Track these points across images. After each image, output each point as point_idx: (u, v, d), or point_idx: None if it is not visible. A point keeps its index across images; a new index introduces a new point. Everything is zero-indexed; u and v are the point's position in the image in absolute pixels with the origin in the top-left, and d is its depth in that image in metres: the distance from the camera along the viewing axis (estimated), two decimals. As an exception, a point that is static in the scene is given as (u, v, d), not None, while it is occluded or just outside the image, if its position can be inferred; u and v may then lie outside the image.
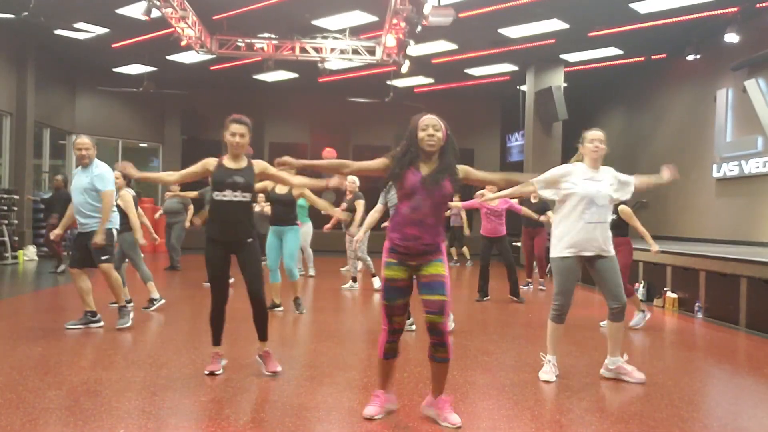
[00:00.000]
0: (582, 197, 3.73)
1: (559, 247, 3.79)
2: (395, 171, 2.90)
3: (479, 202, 6.55)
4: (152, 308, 6.04)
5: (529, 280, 8.93)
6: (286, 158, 3.03)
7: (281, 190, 5.88)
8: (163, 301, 6.16)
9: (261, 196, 8.45)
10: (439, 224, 2.93)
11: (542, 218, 7.69)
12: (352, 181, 8.00)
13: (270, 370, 3.75)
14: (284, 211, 5.99)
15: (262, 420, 2.97)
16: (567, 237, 3.75)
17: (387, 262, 2.92)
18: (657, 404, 3.39)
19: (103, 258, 5.01)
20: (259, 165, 3.76)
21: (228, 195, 3.60)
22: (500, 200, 7.01)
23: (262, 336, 3.80)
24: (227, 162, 3.68)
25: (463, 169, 3.01)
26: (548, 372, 3.83)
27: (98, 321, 5.13)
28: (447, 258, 2.98)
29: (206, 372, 3.69)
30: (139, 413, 2.97)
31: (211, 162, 3.72)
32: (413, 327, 5.22)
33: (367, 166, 3.05)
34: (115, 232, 5.15)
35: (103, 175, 4.95)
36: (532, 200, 8.56)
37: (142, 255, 6.29)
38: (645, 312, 5.79)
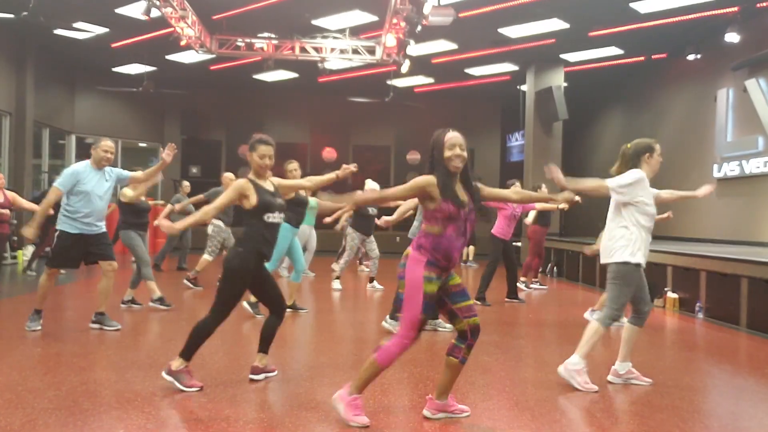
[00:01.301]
0: (649, 208, 3.75)
1: (638, 255, 3.69)
2: (443, 194, 2.87)
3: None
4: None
5: (535, 279, 8.96)
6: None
7: None
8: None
9: None
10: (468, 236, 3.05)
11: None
12: (372, 188, 8.05)
13: (272, 370, 3.76)
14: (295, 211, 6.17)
15: (261, 420, 2.97)
16: (641, 245, 3.70)
17: (428, 277, 2.88)
18: (657, 404, 3.38)
19: (114, 256, 5.09)
20: (274, 181, 3.80)
21: (277, 217, 3.60)
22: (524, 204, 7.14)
23: (190, 355, 3.56)
24: (261, 183, 3.61)
25: (481, 187, 3.08)
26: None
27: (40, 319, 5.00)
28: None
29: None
30: (139, 413, 2.97)
31: (245, 186, 3.52)
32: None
33: (403, 193, 3.02)
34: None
35: (121, 170, 5.23)
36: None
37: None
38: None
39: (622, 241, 3.72)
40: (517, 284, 7.56)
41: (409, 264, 2.91)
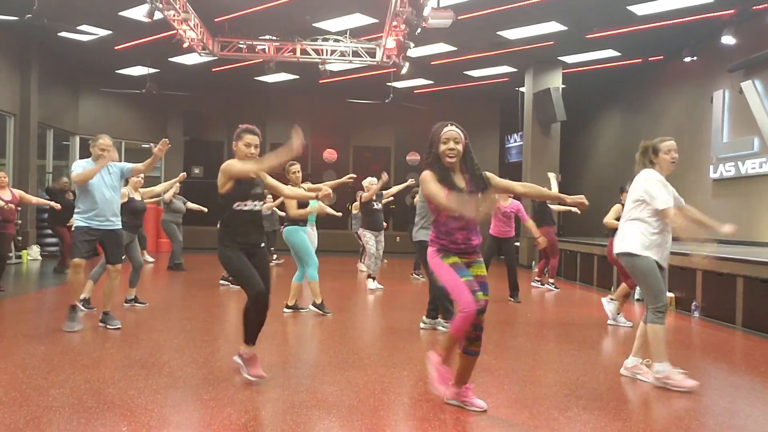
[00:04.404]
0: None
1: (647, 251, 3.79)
2: (440, 182, 3.03)
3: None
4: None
5: (538, 278, 9.00)
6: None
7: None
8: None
9: (270, 197, 8.58)
10: (474, 225, 3.11)
11: (541, 241, 7.62)
12: (372, 183, 8.10)
13: (254, 375, 3.59)
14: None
15: (263, 418, 3.01)
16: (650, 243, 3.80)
17: (444, 255, 3.07)
18: (654, 402, 3.43)
19: (123, 258, 5.18)
20: (264, 176, 3.83)
21: (249, 205, 3.65)
22: (513, 204, 7.18)
23: (252, 340, 3.68)
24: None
25: (490, 176, 3.15)
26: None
27: (90, 308, 5.24)
28: None
29: (253, 377, 3.55)
30: (142, 411, 3.01)
31: (235, 164, 3.67)
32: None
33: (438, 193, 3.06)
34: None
35: (123, 164, 5.26)
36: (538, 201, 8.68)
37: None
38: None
39: (626, 235, 3.85)
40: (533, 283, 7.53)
41: (428, 258, 3.16)
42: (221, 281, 8.25)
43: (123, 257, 5.25)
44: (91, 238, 5.00)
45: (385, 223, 8.45)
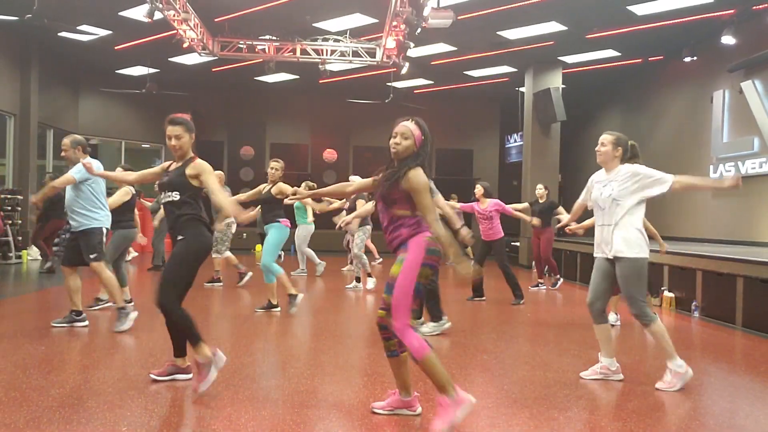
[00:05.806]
0: (593, 201, 3.93)
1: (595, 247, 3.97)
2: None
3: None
4: (97, 308, 6.09)
5: (540, 280, 8.98)
6: (297, 190, 3.60)
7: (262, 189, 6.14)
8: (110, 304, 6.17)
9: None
10: (396, 222, 2.93)
11: (534, 221, 7.74)
12: (353, 181, 8.08)
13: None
14: (265, 209, 6.21)
15: (263, 418, 3.00)
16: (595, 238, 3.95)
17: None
18: (654, 402, 3.43)
19: (92, 257, 5.02)
20: (197, 167, 3.46)
21: (164, 197, 3.52)
22: (490, 204, 7.12)
23: (177, 352, 3.58)
24: (172, 165, 3.63)
25: (405, 181, 2.93)
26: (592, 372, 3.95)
27: (83, 320, 5.17)
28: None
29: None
30: (142, 411, 3.01)
31: (167, 165, 3.71)
32: (448, 325, 5.30)
33: (363, 184, 3.33)
34: (105, 230, 5.16)
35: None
36: (540, 201, 8.68)
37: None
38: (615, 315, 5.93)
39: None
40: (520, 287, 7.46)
41: None
42: (206, 284, 8.22)
43: (93, 256, 5.02)
44: (69, 243, 5.07)
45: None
